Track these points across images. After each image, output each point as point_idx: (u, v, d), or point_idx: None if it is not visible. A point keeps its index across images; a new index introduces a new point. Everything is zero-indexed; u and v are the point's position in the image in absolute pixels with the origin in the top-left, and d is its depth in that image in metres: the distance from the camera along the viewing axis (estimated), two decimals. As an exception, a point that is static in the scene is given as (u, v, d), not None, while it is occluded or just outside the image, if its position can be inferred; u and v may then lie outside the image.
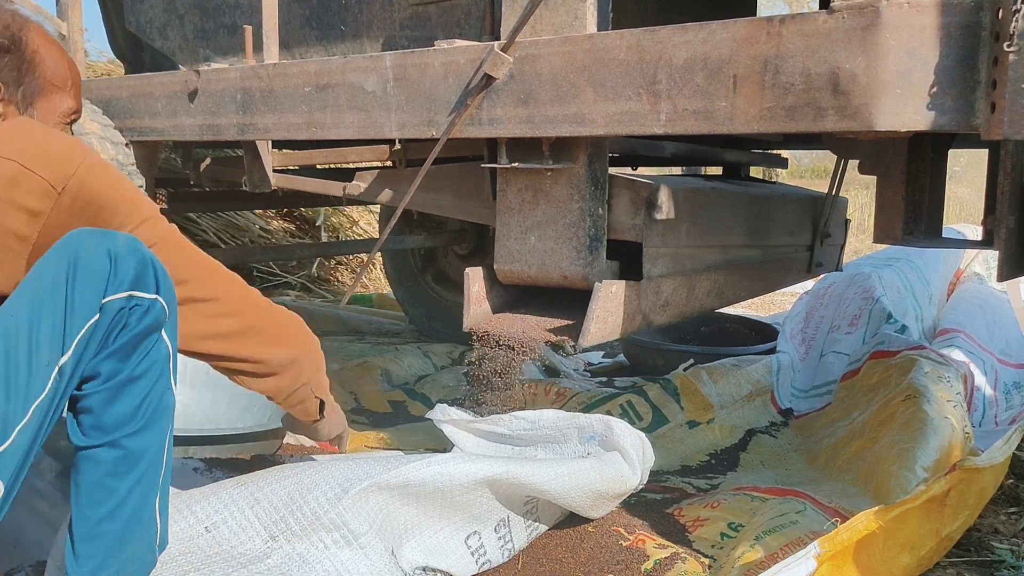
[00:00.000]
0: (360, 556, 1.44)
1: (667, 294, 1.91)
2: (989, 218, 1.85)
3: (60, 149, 1.16)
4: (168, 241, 1.22)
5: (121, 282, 1.14)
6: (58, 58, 1.37)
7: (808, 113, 1.35)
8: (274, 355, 1.37)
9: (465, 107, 1.73)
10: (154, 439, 1.20)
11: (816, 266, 2.68)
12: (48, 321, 1.10)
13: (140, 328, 1.16)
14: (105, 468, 1.16)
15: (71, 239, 1.13)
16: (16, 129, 1.17)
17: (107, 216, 1.18)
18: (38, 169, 1.13)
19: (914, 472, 1.79)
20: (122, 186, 1.20)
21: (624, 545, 1.64)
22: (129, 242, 1.16)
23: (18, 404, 1.09)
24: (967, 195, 9.47)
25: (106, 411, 1.15)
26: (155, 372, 1.19)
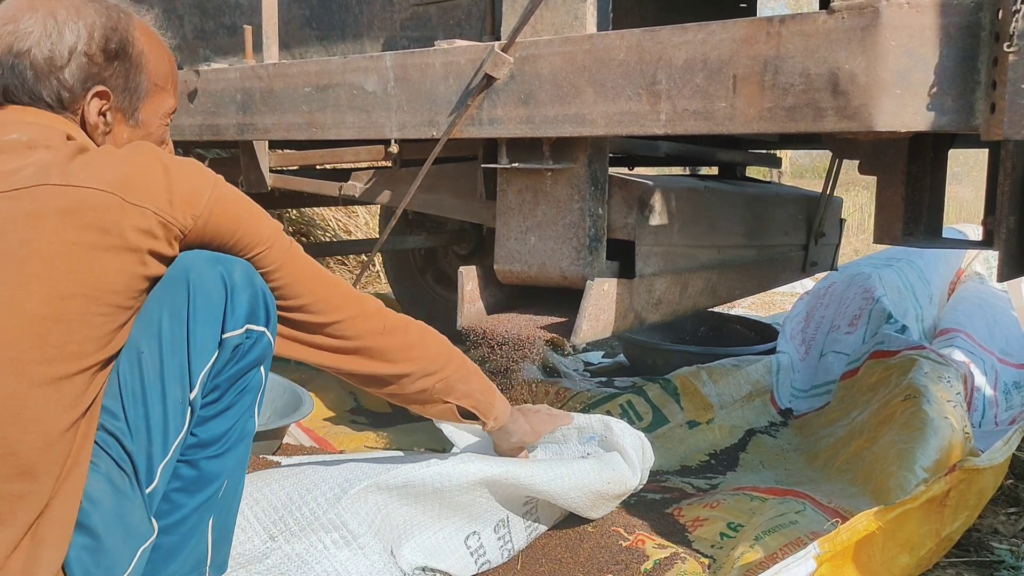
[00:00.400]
0: (359, 556, 1.44)
1: (660, 292, 1.91)
2: (989, 218, 1.85)
3: (187, 187, 1.08)
4: (288, 264, 1.19)
5: (238, 317, 1.14)
6: (161, 55, 1.27)
7: (808, 113, 1.36)
8: (388, 371, 1.34)
9: (466, 107, 1.74)
10: (230, 463, 1.20)
11: (811, 265, 2.69)
12: (174, 359, 1.11)
13: (247, 362, 1.18)
14: (178, 483, 1.16)
15: (186, 268, 1.11)
16: (138, 162, 1.07)
17: (228, 247, 1.14)
18: (171, 216, 1.07)
19: (914, 472, 1.79)
20: (244, 213, 1.15)
21: (624, 545, 1.64)
22: (244, 272, 1.15)
23: (159, 444, 1.11)
24: (967, 195, 9.47)
25: (194, 433, 1.16)
26: (247, 401, 1.20)
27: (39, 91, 1.13)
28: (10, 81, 1.13)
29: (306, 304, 1.22)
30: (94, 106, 1.17)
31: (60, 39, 1.13)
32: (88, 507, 1.06)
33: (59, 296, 1.00)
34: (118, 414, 1.10)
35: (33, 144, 1.07)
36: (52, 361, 1.01)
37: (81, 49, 1.14)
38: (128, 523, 1.10)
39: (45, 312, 1.00)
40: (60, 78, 1.14)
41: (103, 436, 1.09)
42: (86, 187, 1.03)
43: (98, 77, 1.17)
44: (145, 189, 1.05)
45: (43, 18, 1.13)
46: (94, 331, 1.04)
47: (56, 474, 1.02)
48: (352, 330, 1.27)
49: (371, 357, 1.31)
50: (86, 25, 1.15)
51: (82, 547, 1.06)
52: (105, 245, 1.02)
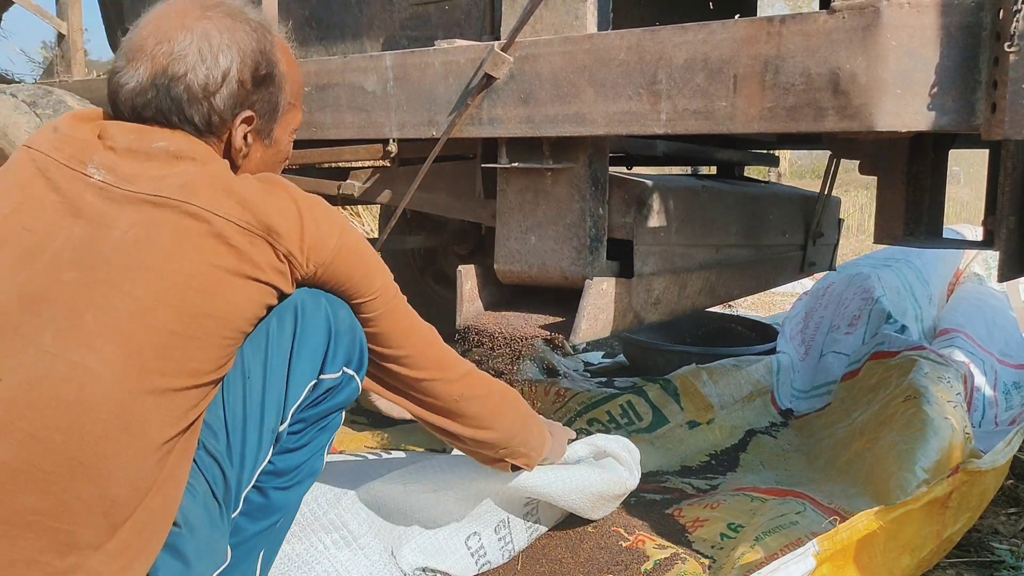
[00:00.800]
0: (359, 556, 1.44)
1: (658, 292, 1.91)
2: (989, 218, 1.85)
3: (316, 236, 1.10)
4: (388, 316, 1.22)
5: (337, 361, 1.18)
6: (296, 73, 1.27)
7: (808, 113, 1.35)
8: (472, 435, 1.37)
9: (465, 107, 1.73)
10: (295, 497, 1.23)
11: (809, 265, 2.68)
12: (274, 389, 1.14)
13: (334, 403, 1.21)
14: (245, 507, 1.17)
15: (297, 304, 1.13)
16: (278, 204, 1.09)
17: (339, 291, 1.18)
18: (299, 262, 1.10)
19: (914, 473, 1.79)
20: (361, 264, 1.17)
21: (624, 546, 1.64)
22: (349, 317, 1.19)
23: (248, 470, 1.14)
24: (967, 195, 9.48)
25: (272, 462, 1.18)
26: (322, 440, 1.23)
27: (190, 114, 1.12)
28: (163, 103, 1.11)
29: (397, 356, 1.25)
30: (241, 130, 1.17)
31: (215, 64, 1.12)
32: (186, 533, 1.06)
33: (192, 314, 1.02)
34: (220, 435, 1.11)
35: (180, 154, 1.09)
36: (171, 374, 1.01)
37: (234, 75, 1.13)
38: (215, 552, 1.10)
39: (176, 327, 1.01)
40: (212, 103, 1.12)
41: (203, 456, 1.09)
42: (228, 219, 1.04)
43: (247, 102, 1.16)
44: (282, 231, 1.07)
45: (198, 41, 1.11)
46: (215, 352, 1.05)
47: (151, 486, 1.02)
48: (432, 390, 1.29)
49: (445, 416, 1.34)
50: (239, 51, 1.14)
51: (173, 572, 1.05)
52: (241, 273, 1.05)
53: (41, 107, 2.44)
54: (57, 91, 2.57)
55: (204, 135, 1.14)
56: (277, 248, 1.07)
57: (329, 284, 1.16)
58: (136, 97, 1.11)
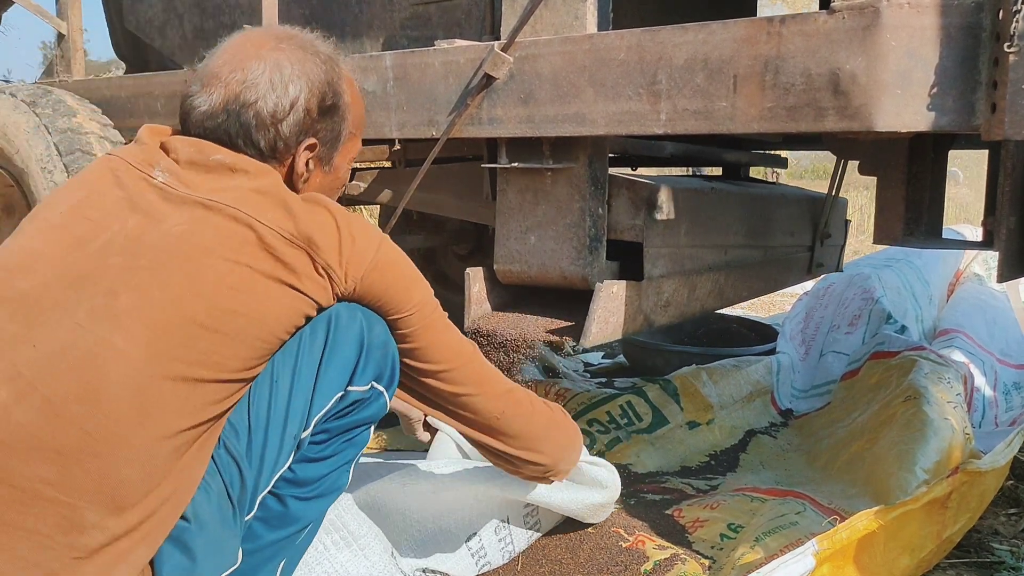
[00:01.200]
0: (360, 557, 1.44)
1: (668, 294, 1.90)
2: (989, 219, 1.85)
3: (353, 253, 1.14)
4: (425, 332, 1.23)
5: (367, 375, 1.19)
6: (358, 103, 1.32)
7: (808, 113, 1.35)
8: (518, 455, 1.37)
9: (465, 107, 1.73)
10: (315, 510, 1.23)
11: (816, 266, 2.68)
12: (300, 396, 1.15)
13: (361, 416, 1.22)
14: (262, 513, 1.18)
15: (331, 316, 1.16)
16: (319, 220, 1.13)
17: (375, 306, 1.20)
18: (338, 277, 1.13)
19: (914, 473, 1.79)
20: (398, 279, 1.19)
21: (624, 546, 1.63)
22: (382, 333, 1.20)
23: (267, 474, 1.15)
24: (967, 196, 9.48)
25: (292, 469, 1.19)
26: (348, 455, 1.24)
27: (256, 139, 1.17)
28: (232, 127, 1.16)
29: (436, 371, 1.26)
30: (303, 156, 1.21)
31: (285, 93, 1.17)
32: (195, 528, 1.07)
33: (222, 309, 1.05)
34: (242, 435, 1.13)
35: (235, 167, 1.13)
36: (193, 364, 1.04)
37: (302, 104, 1.19)
38: (224, 550, 1.11)
39: (205, 320, 1.04)
40: (279, 129, 1.17)
41: (222, 454, 1.11)
42: (271, 227, 1.08)
43: (311, 130, 1.21)
44: (322, 244, 1.11)
45: (270, 70, 1.17)
46: (245, 351, 1.08)
47: (166, 474, 1.04)
48: (472, 406, 1.30)
49: (487, 434, 1.34)
50: (308, 81, 1.19)
51: (178, 566, 1.06)
52: (277, 278, 1.08)
53: (40, 107, 2.44)
54: (56, 91, 2.57)
55: (267, 159, 1.19)
56: (316, 260, 1.10)
57: (367, 299, 1.18)
58: (207, 120, 1.17)
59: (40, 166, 2.34)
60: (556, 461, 1.41)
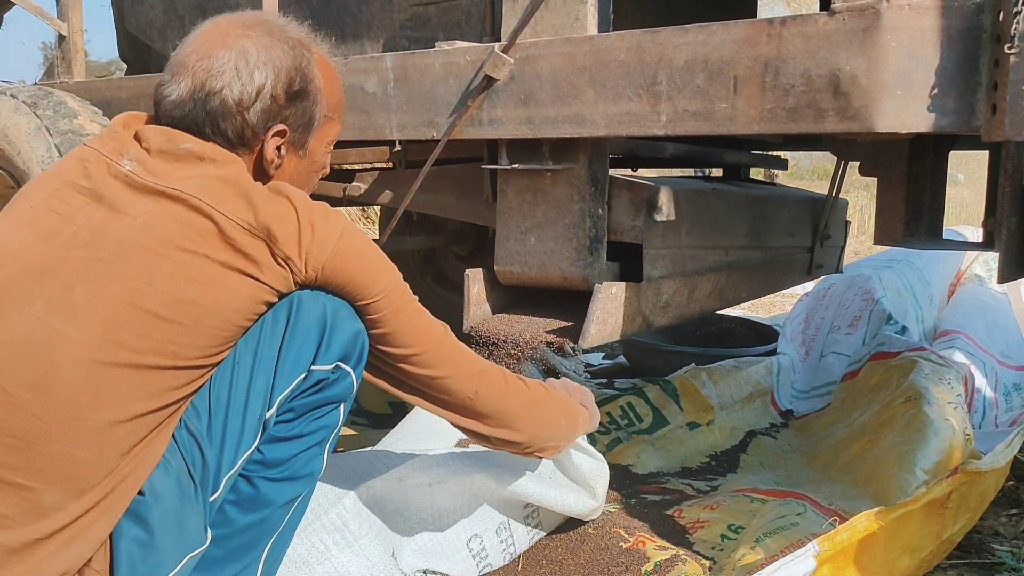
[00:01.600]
0: (361, 558, 1.43)
1: (668, 295, 1.90)
2: (990, 220, 1.85)
3: (312, 241, 1.14)
4: (394, 316, 1.23)
5: (331, 354, 1.19)
6: (334, 86, 1.31)
7: (809, 114, 1.35)
8: (495, 434, 1.36)
9: (466, 108, 1.73)
10: (288, 493, 1.23)
11: (816, 268, 2.68)
12: (262, 377, 1.16)
13: (326, 395, 1.22)
14: (234, 497, 1.19)
15: (295, 299, 1.16)
16: (278, 210, 1.13)
17: (341, 293, 1.20)
18: (298, 267, 1.13)
19: (914, 474, 1.79)
20: (361, 266, 1.20)
21: (624, 547, 1.63)
22: (347, 316, 1.20)
23: (229, 454, 1.16)
24: (968, 196, 9.48)
25: (261, 450, 1.19)
26: (317, 436, 1.23)
27: (224, 127, 1.18)
28: (199, 116, 1.17)
29: (408, 355, 1.26)
30: (273, 143, 1.22)
31: (251, 81, 1.17)
32: (151, 501, 1.10)
33: (179, 300, 1.07)
34: (203, 415, 1.15)
35: (203, 155, 1.14)
36: (147, 352, 1.06)
37: (268, 91, 1.19)
38: (184, 527, 1.12)
39: (161, 311, 1.06)
40: (245, 117, 1.18)
41: (184, 435, 1.14)
42: (231, 217, 1.10)
43: (279, 116, 1.21)
44: (280, 236, 1.11)
45: (235, 58, 1.17)
46: (202, 340, 1.10)
47: (125, 455, 1.07)
48: (446, 388, 1.30)
49: (463, 414, 1.34)
50: (274, 67, 1.19)
51: (134, 539, 1.09)
52: (236, 267, 1.10)
53: (42, 108, 2.44)
54: (58, 92, 2.57)
55: (236, 147, 1.20)
56: (275, 251, 1.12)
57: (332, 286, 1.18)
58: (175, 109, 1.18)
59: (41, 167, 2.34)
60: (533, 438, 1.40)
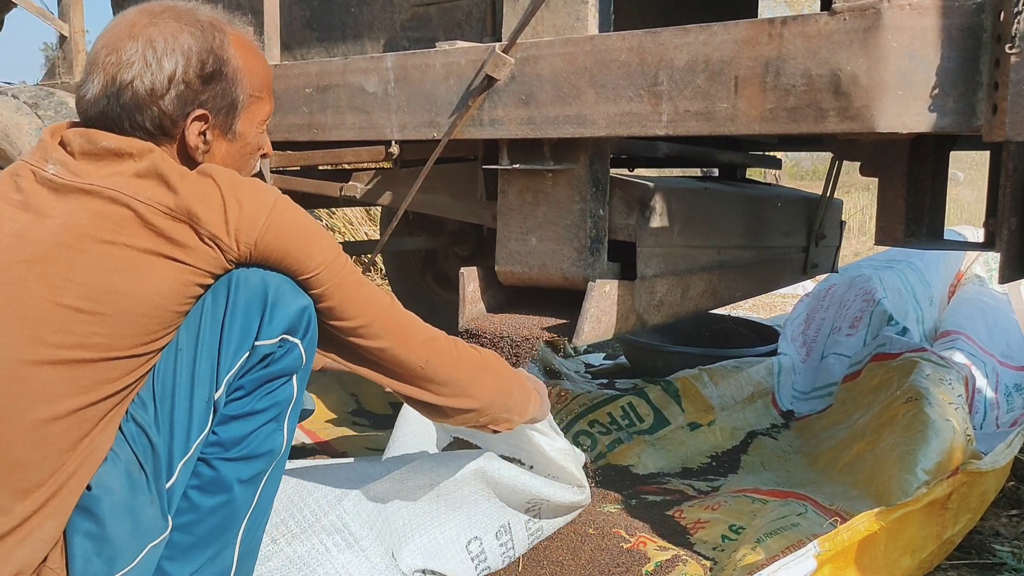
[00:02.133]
0: (361, 559, 1.43)
1: (661, 294, 1.91)
2: (990, 220, 1.85)
3: (239, 218, 1.13)
4: (338, 288, 1.22)
5: (274, 328, 1.17)
6: (257, 65, 1.28)
7: (809, 114, 1.35)
8: (448, 403, 1.35)
9: (466, 108, 1.73)
10: (248, 471, 1.21)
11: (811, 267, 2.68)
12: (206, 359, 1.15)
13: (275, 369, 1.20)
14: (196, 482, 1.18)
15: (233, 277, 1.15)
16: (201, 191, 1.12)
17: (280, 268, 1.18)
18: (227, 244, 1.12)
19: (915, 475, 1.79)
20: (296, 239, 1.18)
21: (625, 547, 1.64)
22: (288, 289, 1.18)
23: (180, 440, 1.15)
24: (968, 197, 9.48)
25: (215, 431, 1.18)
26: (272, 411, 1.21)
27: (141, 120, 1.17)
28: (114, 111, 1.16)
29: (354, 328, 1.25)
30: (194, 129, 1.20)
31: (160, 69, 1.16)
32: (100, 494, 1.10)
33: (101, 291, 1.07)
34: (149, 406, 1.15)
35: (120, 151, 1.14)
36: (72, 347, 1.07)
37: (179, 77, 1.17)
38: (138, 517, 1.12)
39: (82, 304, 1.06)
40: (161, 106, 1.17)
41: (131, 427, 1.14)
42: (150, 203, 1.09)
43: (196, 101, 1.20)
44: (202, 216, 1.10)
45: (143, 48, 1.16)
46: (130, 329, 1.09)
47: (68, 451, 1.07)
48: (395, 359, 1.29)
49: (415, 385, 1.33)
50: (183, 52, 1.18)
51: (86, 533, 1.09)
52: (160, 253, 1.09)
53: (43, 108, 2.44)
54: (59, 92, 2.57)
55: (158, 138, 1.19)
56: (200, 232, 1.10)
57: (269, 262, 1.17)
58: (91, 108, 1.18)
59: (41, 167, 2.33)
60: (487, 405, 1.39)
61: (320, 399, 2.59)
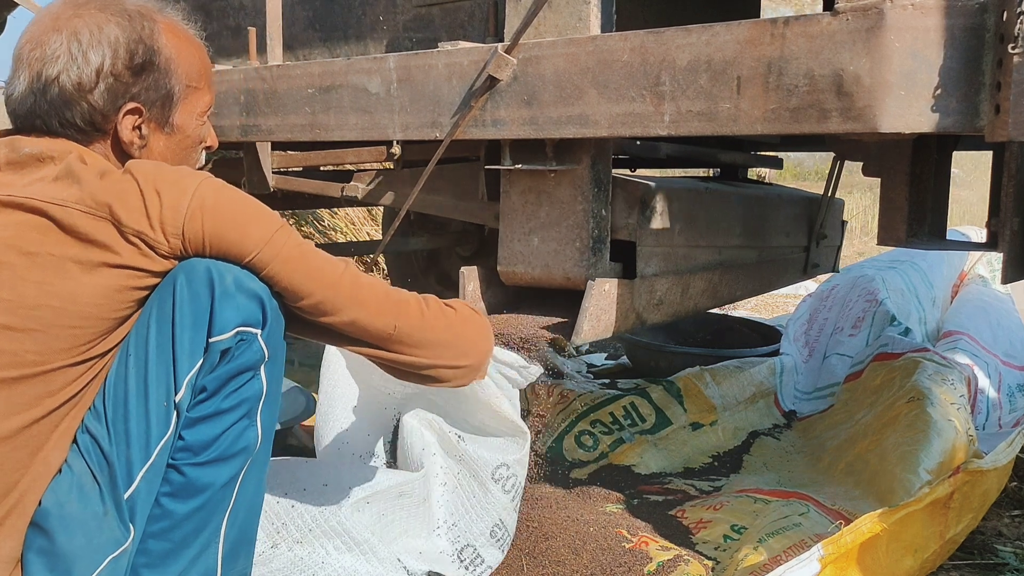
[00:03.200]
0: (361, 561, 1.44)
1: (661, 293, 1.91)
2: (993, 220, 1.85)
3: (160, 209, 1.07)
4: (284, 266, 1.14)
5: (226, 321, 1.11)
6: (190, 54, 1.23)
7: (812, 115, 1.35)
8: (437, 361, 1.27)
9: (469, 109, 1.73)
10: (223, 473, 1.15)
11: (812, 267, 2.68)
12: (159, 363, 1.10)
13: (236, 364, 1.14)
14: (167, 488, 1.14)
15: (176, 274, 1.10)
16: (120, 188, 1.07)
17: (223, 256, 1.12)
18: (154, 238, 1.07)
19: (917, 474, 1.79)
20: (228, 218, 1.11)
21: (627, 547, 1.64)
22: (237, 277, 1.12)
23: (138, 447, 1.10)
24: (969, 197, 9.47)
25: (182, 436, 1.14)
26: (241, 409, 1.16)
27: (70, 117, 1.13)
28: (41, 108, 1.13)
29: (314, 305, 1.18)
30: (127, 123, 1.17)
31: (86, 62, 1.12)
32: (50, 509, 1.07)
33: (27, 306, 1.03)
34: (101, 416, 1.11)
35: (42, 156, 1.10)
36: (6, 367, 1.03)
37: (107, 70, 1.13)
38: (91, 530, 1.09)
39: (9, 321, 1.03)
40: (90, 101, 1.13)
41: (84, 439, 1.10)
42: (69, 206, 1.05)
43: (127, 94, 1.16)
44: (122, 213, 1.06)
45: (67, 41, 1.12)
46: (62, 342, 1.05)
47: (21, 470, 1.05)
48: (361, 328, 1.22)
49: (395, 351, 1.25)
50: (109, 44, 1.14)
51: (38, 549, 1.07)
52: (87, 260, 1.05)
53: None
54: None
55: (90, 135, 1.15)
56: (123, 229, 1.06)
57: (207, 250, 1.11)
58: (19, 106, 1.14)
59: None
60: (477, 358, 1.32)
61: (322, 399, 2.59)
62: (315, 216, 5.63)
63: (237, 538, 1.20)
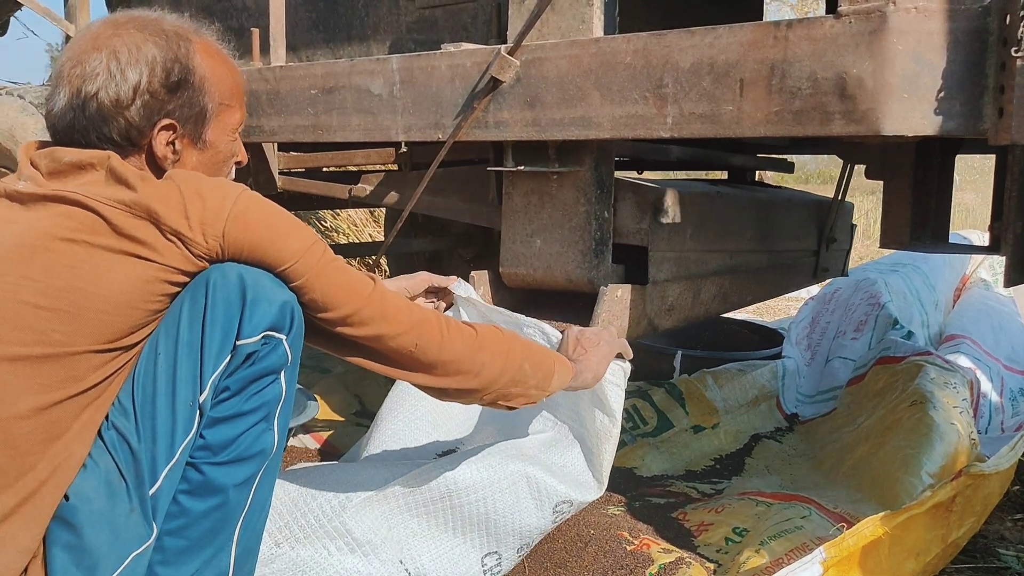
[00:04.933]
0: (364, 563, 1.43)
1: (672, 298, 1.90)
2: (996, 224, 1.84)
3: (201, 212, 1.12)
4: (317, 278, 1.19)
5: (255, 325, 1.15)
6: (224, 73, 1.28)
7: (815, 117, 1.35)
8: (448, 384, 1.33)
9: (471, 110, 1.74)
10: (240, 474, 1.19)
11: (822, 271, 2.67)
12: (187, 362, 1.14)
13: (260, 367, 1.18)
14: (186, 486, 1.17)
15: (209, 275, 1.14)
16: (160, 191, 1.12)
17: (256, 262, 1.16)
18: (192, 239, 1.11)
19: (919, 478, 1.79)
20: (267, 227, 1.16)
21: (629, 550, 1.63)
22: (270, 283, 1.16)
23: (164, 446, 1.13)
24: (972, 201, 9.46)
25: (202, 435, 1.17)
26: (261, 412, 1.19)
27: (108, 132, 1.17)
28: (80, 123, 1.17)
29: (341, 318, 1.22)
30: (161, 138, 1.20)
31: (124, 80, 1.17)
32: (77, 504, 1.09)
33: (59, 288, 1.07)
34: (129, 412, 1.13)
35: (81, 163, 1.14)
36: (31, 343, 1.06)
37: (144, 87, 1.17)
38: (118, 526, 1.11)
39: (39, 300, 1.07)
40: (127, 117, 1.17)
41: (112, 435, 1.13)
42: (109, 203, 1.10)
43: (163, 111, 1.20)
44: (162, 212, 1.10)
45: (107, 59, 1.17)
46: (89, 325, 1.08)
47: (38, 454, 1.07)
48: (386, 345, 1.27)
49: (411, 369, 1.31)
50: (147, 62, 1.18)
51: (64, 544, 1.09)
52: (121, 250, 1.09)
53: (49, 109, 2.45)
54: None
55: (126, 149, 1.19)
56: (162, 228, 1.10)
57: (243, 256, 1.15)
58: (59, 121, 1.19)
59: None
60: (488, 383, 1.34)
61: (324, 401, 2.59)
62: (317, 217, 5.64)
63: (249, 541, 1.23)
